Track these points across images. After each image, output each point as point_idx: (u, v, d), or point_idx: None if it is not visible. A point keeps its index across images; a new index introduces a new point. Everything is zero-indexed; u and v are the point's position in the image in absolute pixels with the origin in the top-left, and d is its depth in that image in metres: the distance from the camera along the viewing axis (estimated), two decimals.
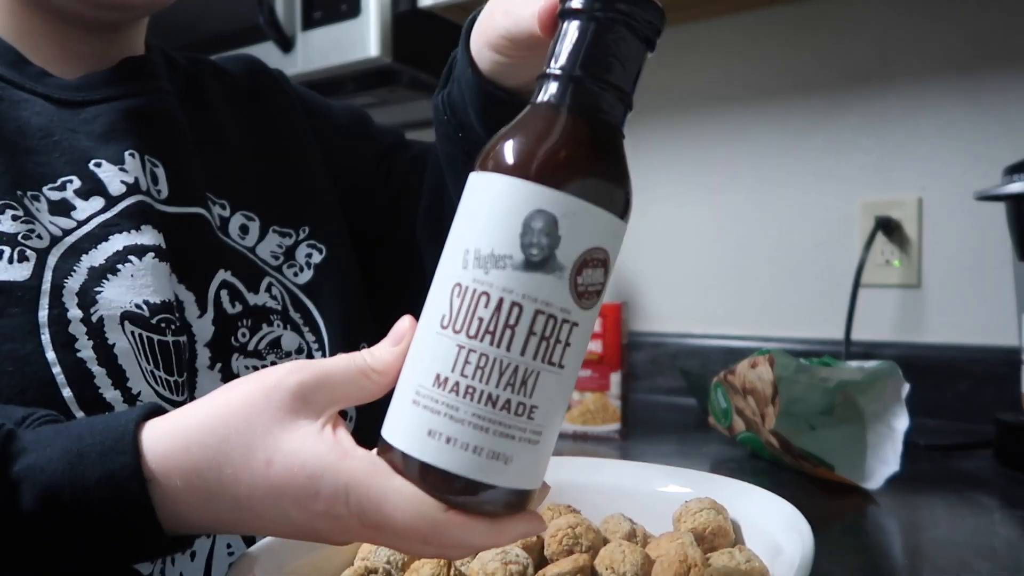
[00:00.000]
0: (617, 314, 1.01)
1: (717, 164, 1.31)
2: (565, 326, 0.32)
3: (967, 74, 1.11)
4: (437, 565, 0.39)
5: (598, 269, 0.34)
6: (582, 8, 0.33)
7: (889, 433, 0.73)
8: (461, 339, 0.32)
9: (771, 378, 0.73)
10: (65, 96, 0.55)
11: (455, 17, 1.28)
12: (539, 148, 0.32)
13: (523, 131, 0.33)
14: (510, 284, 0.31)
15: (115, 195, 0.53)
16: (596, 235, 0.33)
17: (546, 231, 0.31)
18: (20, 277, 0.46)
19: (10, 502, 0.33)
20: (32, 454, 0.34)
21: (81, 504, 0.34)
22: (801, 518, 0.42)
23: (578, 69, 0.33)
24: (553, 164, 0.32)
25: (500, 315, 0.32)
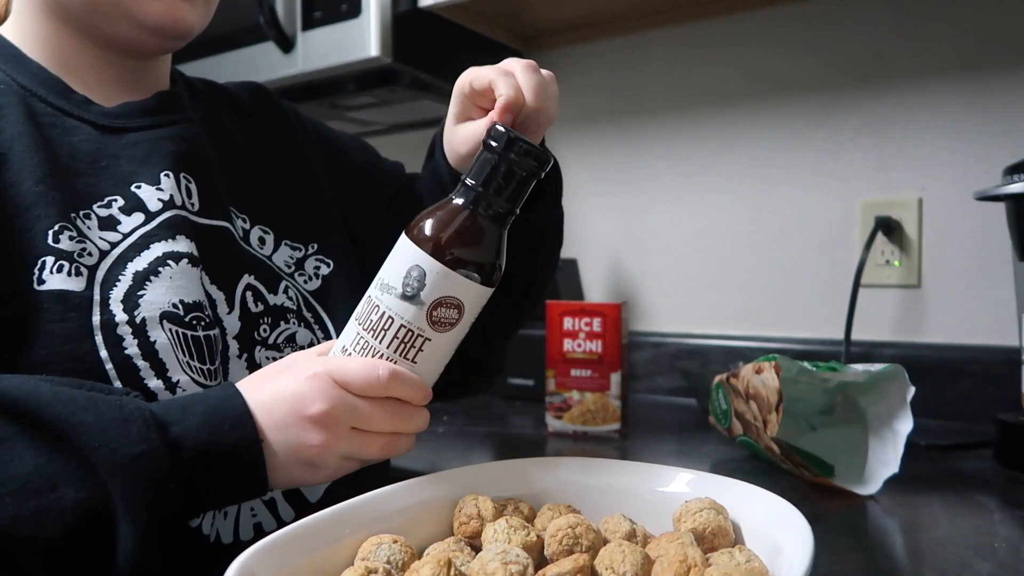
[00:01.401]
0: (617, 314, 1.01)
1: (717, 164, 1.31)
2: (420, 339, 0.51)
3: (967, 74, 1.11)
4: (437, 565, 0.39)
5: (452, 309, 0.51)
6: (492, 148, 0.51)
7: (892, 435, 0.73)
8: (359, 329, 0.52)
9: (776, 386, 0.73)
10: (108, 123, 0.62)
11: (455, 17, 1.29)
12: (432, 229, 0.51)
13: (431, 215, 0.52)
14: (391, 305, 0.51)
15: (153, 211, 0.60)
16: (452, 289, 0.51)
17: (418, 279, 0.50)
18: (77, 288, 0.54)
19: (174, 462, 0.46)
20: (175, 427, 0.47)
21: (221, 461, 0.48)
22: (801, 518, 0.42)
23: (478, 186, 0.51)
24: (434, 241, 0.50)
25: (381, 320, 0.51)
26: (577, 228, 1.44)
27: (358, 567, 0.40)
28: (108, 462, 0.44)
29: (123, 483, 0.44)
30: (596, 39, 1.41)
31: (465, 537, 0.47)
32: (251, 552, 0.39)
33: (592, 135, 1.43)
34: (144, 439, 0.45)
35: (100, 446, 0.45)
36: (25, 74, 0.61)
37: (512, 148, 0.50)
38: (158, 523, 0.46)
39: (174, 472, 0.46)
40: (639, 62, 1.38)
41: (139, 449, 0.45)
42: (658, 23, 1.34)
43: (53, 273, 0.54)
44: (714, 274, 1.32)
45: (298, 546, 0.42)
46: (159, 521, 0.46)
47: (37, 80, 0.61)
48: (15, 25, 0.63)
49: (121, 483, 0.44)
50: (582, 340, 1.02)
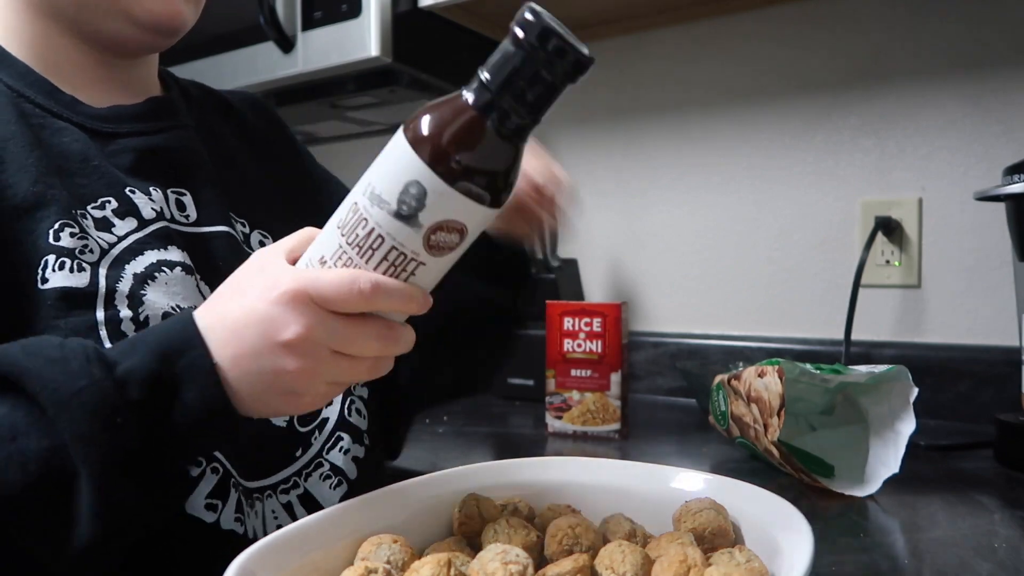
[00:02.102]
0: (617, 314, 1.01)
1: (717, 164, 1.31)
2: (412, 263, 0.43)
3: (967, 74, 1.11)
4: (437, 565, 0.39)
5: (453, 233, 0.43)
6: (521, 38, 0.39)
7: (893, 436, 0.73)
8: (342, 241, 0.43)
9: (779, 390, 0.73)
10: (96, 126, 0.61)
11: (455, 17, 1.29)
12: (438, 135, 0.41)
13: (438, 115, 0.42)
14: (381, 222, 0.42)
15: (146, 219, 0.59)
16: (456, 212, 0.42)
17: (416, 197, 0.41)
18: (80, 284, 0.54)
19: (122, 396, 0.43)
20: (125, 362, 0.44)
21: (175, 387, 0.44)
22: (801, 518, 0.42)
23: (497, 87, 0.40)
24: (440, 152, 0.40)
25: (369, 238, 0.43)
26: (577, 228, 1.44)
27: (358, 567, 0.40)
28: (52, 403, 0.42)
29: (68, 421, 0.42)
30: (596, 39, 1.41)
31: (465, 537, 0.48)
32: (251, 552, 0.39)
33: (592, 135, 1.43)
34: (85, 374, 0.43)
35: (42, 388, 0.42)
36: (11, 74, 0.60)
37: (545, 42, 0.39)
38: (116, 464, 0.42)
39: (123, 405, 0.43)
40: (639, 62, 1.38)
41: (80, 384, 0.42)
42: (658, 23, 1.34)
43: (55, 271, 0.53)
44: (714, 274, 1.32)
45: (298, 546, 0.42)
46: (117, 462, 0.42)
47: (24, 81, 0.60)
48: (4, 28, 0.62)
49: (67, 421, 0.42)
50: (582, 340, 1.02)
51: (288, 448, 0.62)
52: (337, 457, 0.64)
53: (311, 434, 0.64)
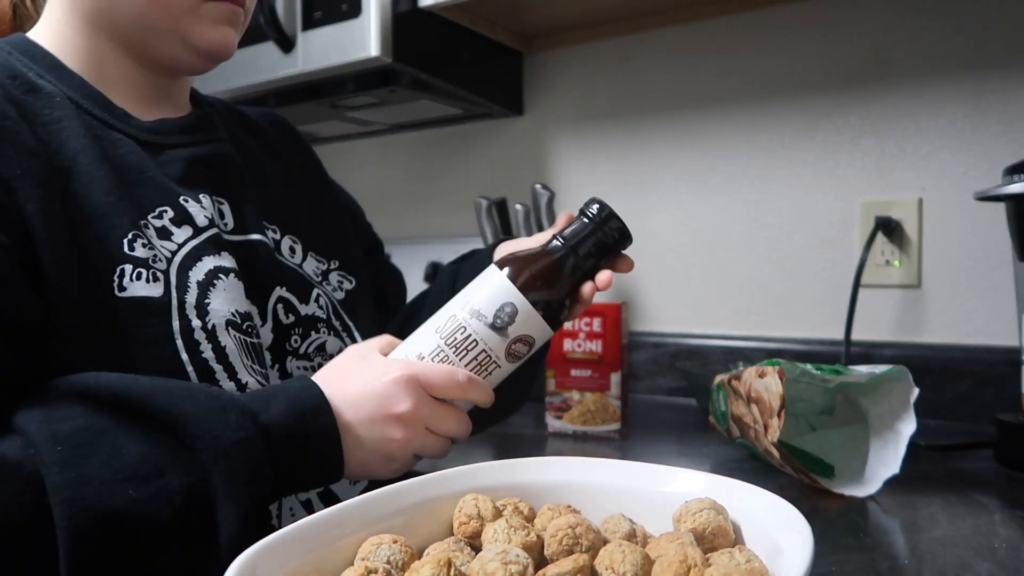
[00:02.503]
0: (617, 314, 1.01)
1: (717, 164, 1.31)
2: (493, 365, 0.59)
3: (967, 74, 1.11)
4: (437, 565, 0.39)
5: (525, 346, 0.59)
6: (589, 217, 0.60)
7: (894, 436, 0.73)
8: (441, 343, 0.58)
9: (779, 391, 0.73)
10: (147, 138, 0.63)
11: (455, 17, 1.29)
12: (528, 273, 0.58)
13: (526, 261, 0.59)
14: (478, 330, 0.58)
15: (201, 226, 0.62)
16: (533, 329, 0.58)
17: (509, 314, 0.58)
18: (156, 294, 0.57)
19: (267, 447, 0.50)
20: (264, 414, 0.51)
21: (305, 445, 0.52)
22: (801, 518, 0.42)
23: (573, 246, 0.60)
24: (532, 285, 0.58)
25: (466, 342, 0.58)
26: None
27: (358, 567, 0.40)
28: (211, 448, 0.48)
29: (226, 467, 0.48)
30: (596, 39, 1.41)
31: (465, 537, 0.47)
32: (251, 552, 0.39)
33: (592, 135, 1.43)
34: (242, 427, 0.49)
35: (203, 434, 0.48)
36: (70, 86, 0.61)
37: (607, 220, 0.60)
38: (256, 505, 0.49)
39: (268, 456, 0.50)
40: (639, 62, 1.38)
41: (239, 436, 0.49)
42: (658, 23, 1.34)
43: (133, 280, 0.56)
44: (714, 274, 1.32)
45: (298, 546, 0.42)
46: (257, 503, 0.49)
47: (81, 93, 0.61)
48: (52, 35, 0.63)
49: (225, 467, 0.48)
50: (582, 340, 1.02)
51: None
52: None
53: None
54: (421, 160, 1.65)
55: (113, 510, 0.45)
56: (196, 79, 0.78)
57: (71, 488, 0.44)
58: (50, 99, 0.58)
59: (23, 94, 0.57)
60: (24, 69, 0.59)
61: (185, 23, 0.61)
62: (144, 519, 0.45)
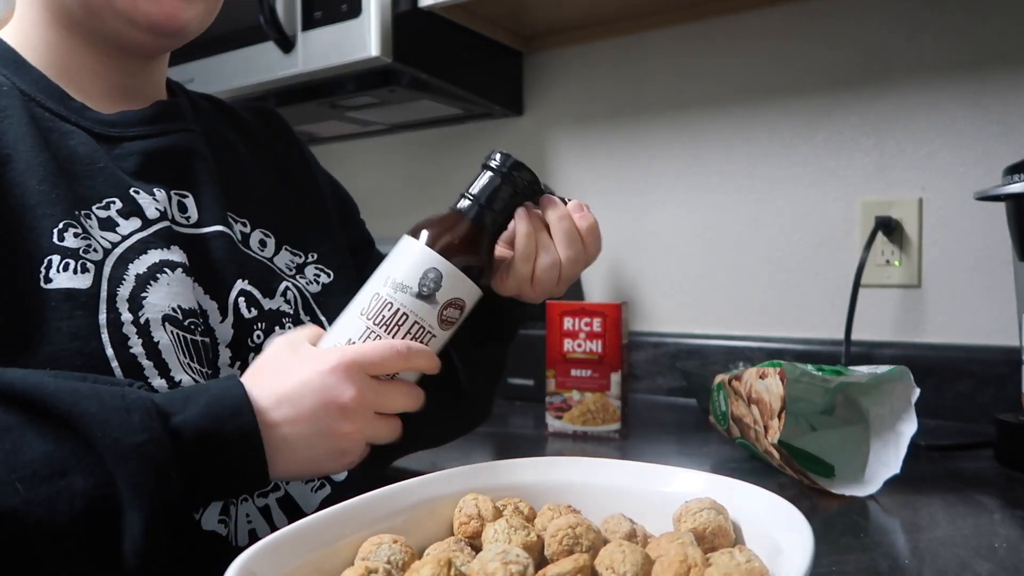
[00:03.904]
0: (617, 314, 1.01)
1: (717, 164, 1.31)
2: (428, 335, 0.56)
3: (967, 74, 1.11)
4: (437, 565, 0.39)
5: (457, 310, 0.57)
6: (493, 167, 0.59)
7: (894, 437, 0.73)
8: (369, 324, 0.55)
9: (780, 392, 0.73)
10: (103, 131, 0.62)
11: (455, 17, 1.29)
12: (446, 236, 0.57)
13: (441, 224, 0.58)
14: (406, 303, 0.55)
15: (150, 219, 0.60)
16: (460, 291, 0.57)
17: (434, 280, 0.56)
18: (83, 285, 0.54)
19: (175, 450, 0.47)
20: (178, 415, 0.48)
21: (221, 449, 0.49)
22: (801, 518, 0.42)
23: (479, 199, 0.58)
24: (451, 246, 0.56)
25: (395, 317, 0.55)
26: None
27: (358, 567, 0.40)
28: (112, 451, 0.45)
29: (127, 472, 0.45)
30: (596, 39, 1.41)
31: (465, 537, 0.47)
32: (251, 552, 0.39)
33: (592, 135, 1.43)
34: (146, 428, 0.46)
35: (103, 435, 0.45)
36: (26, 80, 0.61)
37: (512, 168, 0.58)
38: (163, 512, 0.46)
39: (176, 461, 0.46)
40: (639, 62, 1.38)
41: (141, 438, 0.46)
42: (658, 23, 1.34)
43: (60, 271, 0.54)
44: (714, 274, 1.32)
45: (298, 546, 0.42)
46: (164, 510, 0.46)
47: (37, 87, 0.61)
48: (18, 32, 0.64)
49: (125, 472, 0.45)
50: (582, 340, 1.02)
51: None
52: None
53: None
54: (421, 160, 1.65)
55: (9, 511, 0.42)
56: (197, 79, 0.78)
57: None
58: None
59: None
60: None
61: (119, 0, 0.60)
62: (39, 521, 0.43)
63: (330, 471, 0.55)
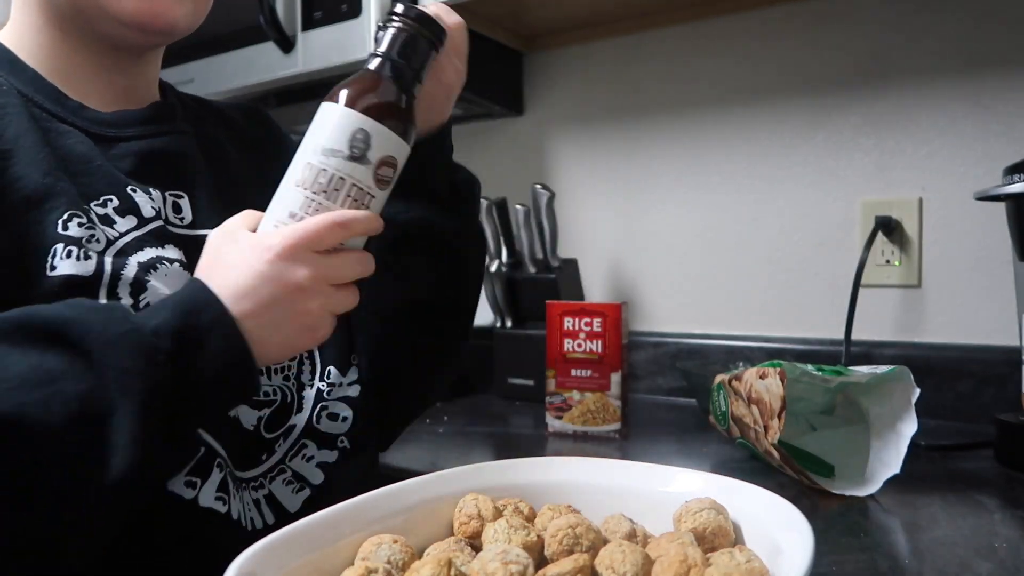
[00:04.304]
0: (617, 314, 1.01)
1: (717, 164, 1.31)
2: (367, 196, 0.56)
3: (967, 74, 1.11)
4: (437, 565, 0.39)
5: (390, 168, 0.57)
6: (396, 19, 0.58)
7: (894, 437, 0.73)
8: (307, 193, 0.55)
9: (780, 392, 0.73)
10: (100, 131, 0.63)
11: None
12: (369, 97, 0.56)
13: (359, 84, 0.56)
14: (339, 167, 0.55)
15: (146, 217, 0.61)
16: (391, 148, 0.56)
17: (363, 140, 0.55)
18: (85, 272, 0.55)
19: (155, 347, 0.48)
20: (151, 321, 0.49)
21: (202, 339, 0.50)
22: (801, 518, 0.42)
23: (391, 54, 0.58)
24: (372, 104, 0.55)
25: (331, 183, 0.55)
26: (577, 228, 1.44)
27: (358, 567, 0.40)
28: (99, 342, 0.46)
29: (115, 356, 0.46)
30: (596, 39, 1.41)
31: (465, 537, 0.48)
32: (251, 552, 0.39)
33: (592, 135, 1.43)
34: (127, 320, 0.48)
35: (88, 332, 0.47)
36: (22, 80, 0.62)
37: (421, 21, 0.58)
38: (155, 398, 0.47)
39: (160, 348, 0.48)
40: (639, 62, 1.38)
41: (125, 327, 0.47)
42: (658, 23, 1.34)
43: (63, 259, 0.55)
44: (714, 274, 1.32)
45: (298, 546, 0.42)
46: (156, 396, 0.47)
47: (33, 87, 0.62)
48: (14, 34, 0.64)
49: (114, 357, 0.46)
50: (582, 340, 1.02)
51: (255, 452, 0.63)
52: (300, 464, 0.65)
53: (275, 441, 0.65)
54: None
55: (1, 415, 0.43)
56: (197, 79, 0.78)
57: None
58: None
59: None
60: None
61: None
62: (34, 424, 0.44)
63: (306, 347, 0.56)
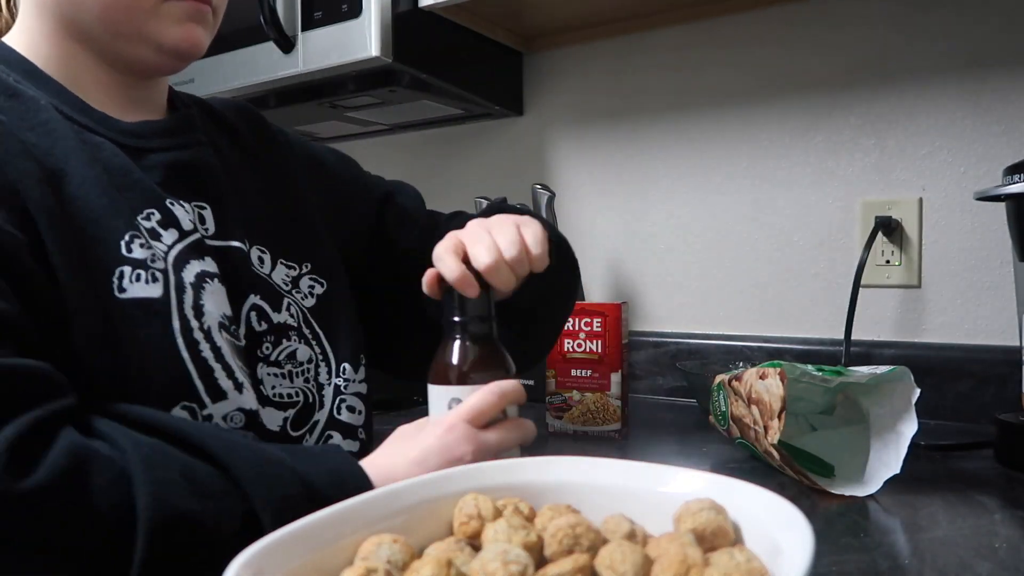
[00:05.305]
0: (617, 314, 1.01)
1: (717, 164, 1.31)
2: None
3: (967, 74, 1.11)
4: (437, 565, 0.39)
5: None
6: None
7: (894, 437, 0.73)
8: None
9: (780, 392, 0.73)
10: (128, 142, 0.63)
11: (455, 17, 1.29)
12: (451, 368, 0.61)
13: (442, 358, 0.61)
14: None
15: (186, 230, 0.62)
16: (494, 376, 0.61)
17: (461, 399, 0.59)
18: (156, 294, 0.57)
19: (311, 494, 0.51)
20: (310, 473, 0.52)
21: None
22: (801, 518, 0.42)
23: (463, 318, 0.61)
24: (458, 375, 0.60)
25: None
26: (577, 228, 1.44)
27: (358, 567, 0.40)
28: (261, 495, 0.50)
29: (270, 516, 0.49)
30: (596, 39, 1.41)
31: (465, 537, 0.47)
32: (251, 552, 0.39)
33: (592, 135, 1.43)
34: (292, 482, 0.51)
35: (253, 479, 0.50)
36: (48, 92, 0.61)
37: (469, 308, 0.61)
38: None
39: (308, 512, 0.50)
40: (639, 62, 1.38)
41: (289, 491, 0.51)
42: (658, 23, 1.34)
43: (132, 282, 0.56)
44: (714, 274, 1.32)
45: (298, 546, 0.42)
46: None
47: (60, 98, 0.61)
48: (27, 41, 0.63)
49: (268, 516, 0.49)
50: (582, 340, 1.02)
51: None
52: None
53: (302, 438, 0.66)
54: (421, 160, 1.65)
55: (190, 513, 0.46)
56: (197, 79, 0.78)
57: (156, 484, 0.46)
58: (34, 103, 0.59)
59: (5, 100, 0.57)
60: (3, 75, 0.59)
61: (147, 24, 0.61)
62: (210, 529, 0.47)
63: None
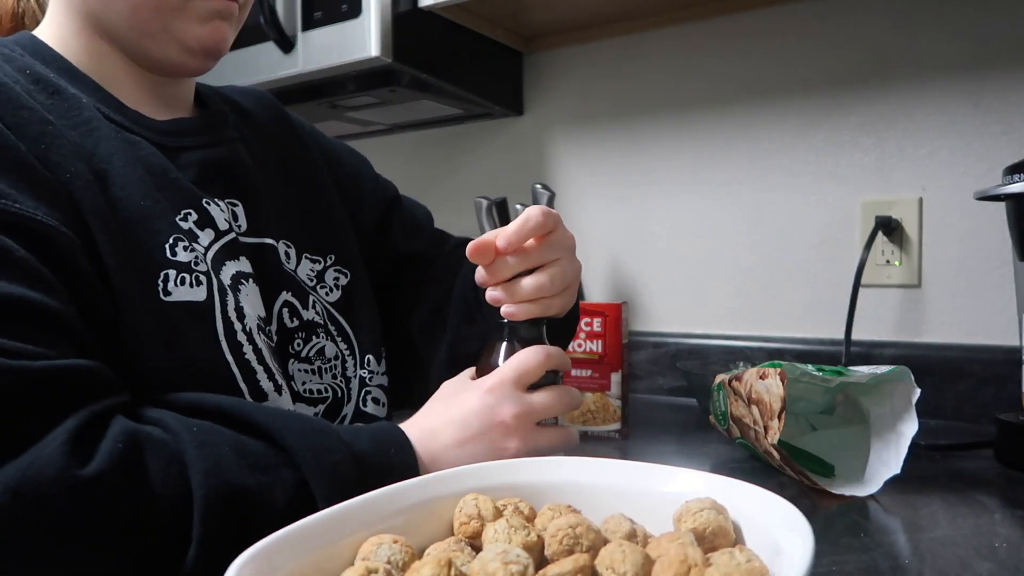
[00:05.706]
0: (617, 314, 1.01)
1: (717, 164, 1.31)
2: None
3: (967, 74, 1.11)
4: (437, 565, 0.39)
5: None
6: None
7: (895, 437, 0.73)
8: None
9: (780, 392, 0.73)
10: (162, 141, 0.63)
11: (455, 17, 1.29)
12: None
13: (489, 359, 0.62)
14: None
15: (222, 230, 0.62)
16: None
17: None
18: (200, 298, 0.58)
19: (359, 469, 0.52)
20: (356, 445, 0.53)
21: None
22: (801, 518, 0.42)
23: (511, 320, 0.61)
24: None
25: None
26: (577, 228, 1.44)
27: (358, 567, 0.40)
28: (311, 464, 0.50)
29: (320, 484, 0.50)
30: (596, 39, 1.41)
31: (465, 537, 0.47)
32: (251, 552, 0.39)
33: (592, 135, 1.43)
34: (340, 449, 0.52)
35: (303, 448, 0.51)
36: (83, 88, 0.60)
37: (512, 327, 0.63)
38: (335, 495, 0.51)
39: (358, 481, 0.51)
40: (639, 62, 1.38)
41: (337, 457, 0.51)
42: (658, 23, 1.34)
43: (177, 285, 0.57)
44: (714, 274, 1.32)
45: (298, 546, 0.42)
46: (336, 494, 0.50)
47: (96, 96, 0.60)
48: (57, 36, 0.62)
49: (319, 484, 0.50)
50: (582, 340, 1.02)
51: None
52: None
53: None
54: (421, 160, 1.65)
55: (244, 487, 0.47)
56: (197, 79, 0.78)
57: (208, 462, 0.47)
58: (76, 100, 0.58)
59: (48, 97, 0.57)
60: (42, 72, 0.59)
61: (174, 22, 0.61)
62: (265, 502, 0.48)
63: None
